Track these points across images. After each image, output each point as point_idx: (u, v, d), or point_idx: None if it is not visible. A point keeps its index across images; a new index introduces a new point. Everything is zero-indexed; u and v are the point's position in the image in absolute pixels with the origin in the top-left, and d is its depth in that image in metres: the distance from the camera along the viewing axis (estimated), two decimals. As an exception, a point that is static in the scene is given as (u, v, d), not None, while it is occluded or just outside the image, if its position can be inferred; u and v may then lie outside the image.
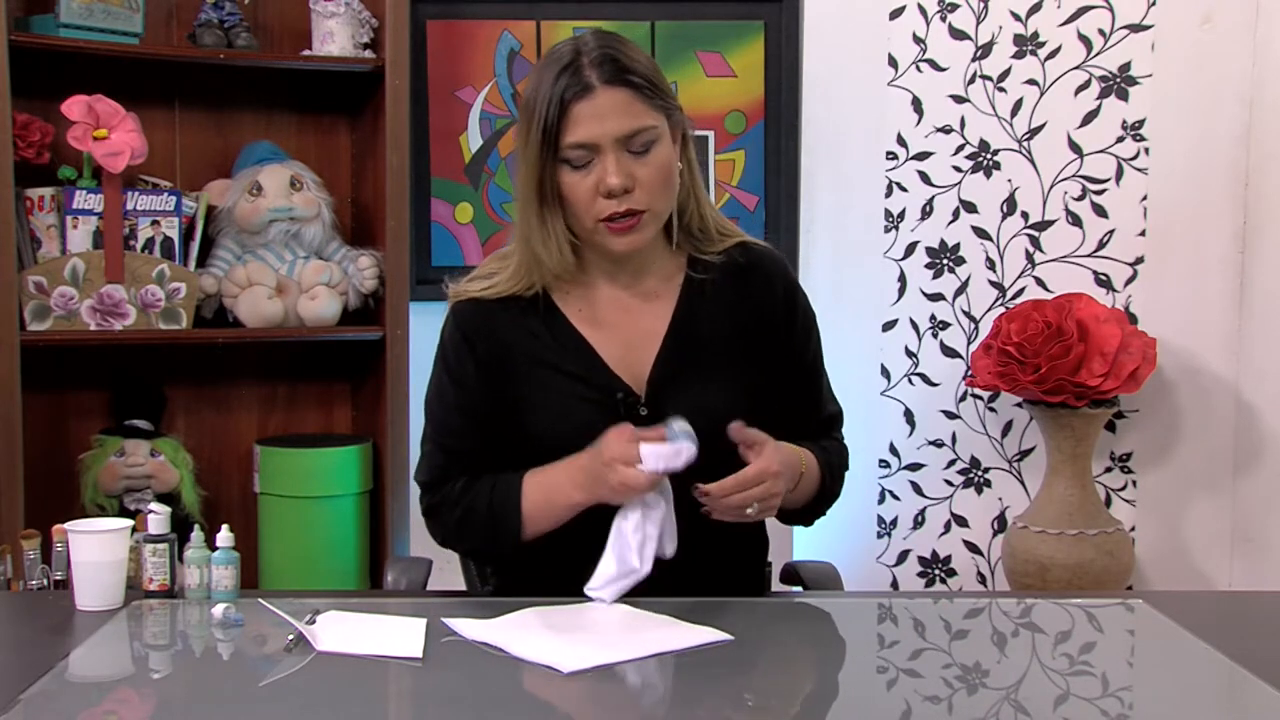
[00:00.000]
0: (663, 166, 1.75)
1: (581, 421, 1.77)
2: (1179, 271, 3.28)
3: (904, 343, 3.34)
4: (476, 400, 1.83)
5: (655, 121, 1.74)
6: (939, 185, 3.31)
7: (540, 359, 1.82)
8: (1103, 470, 3.33)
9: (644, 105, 1.73)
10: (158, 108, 3.04)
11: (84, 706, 1.46)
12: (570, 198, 1.75)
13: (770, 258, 1.92)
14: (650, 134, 1.74)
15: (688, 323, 1.85)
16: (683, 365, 1.83)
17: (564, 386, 1.81)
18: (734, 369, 1.85)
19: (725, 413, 1.77)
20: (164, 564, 1.76)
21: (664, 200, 1.78)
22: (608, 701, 1.45)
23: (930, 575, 3.39)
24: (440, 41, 3.30)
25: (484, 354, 1.83)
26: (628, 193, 1.73)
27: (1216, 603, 2.14)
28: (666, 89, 1.78)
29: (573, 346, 1.82)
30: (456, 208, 3.35)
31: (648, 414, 1.80)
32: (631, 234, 1.76)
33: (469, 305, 1.85)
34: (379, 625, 1.65)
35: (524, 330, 1.83)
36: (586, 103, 1.71)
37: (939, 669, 1.59)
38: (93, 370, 3.02)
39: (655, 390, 1.81)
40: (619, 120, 1.71)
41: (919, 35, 3.28)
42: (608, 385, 1.81)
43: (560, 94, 1.71)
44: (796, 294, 1.92)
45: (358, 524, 3.08)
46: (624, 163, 1.72)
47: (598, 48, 1.73)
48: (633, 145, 1.73)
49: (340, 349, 3.21)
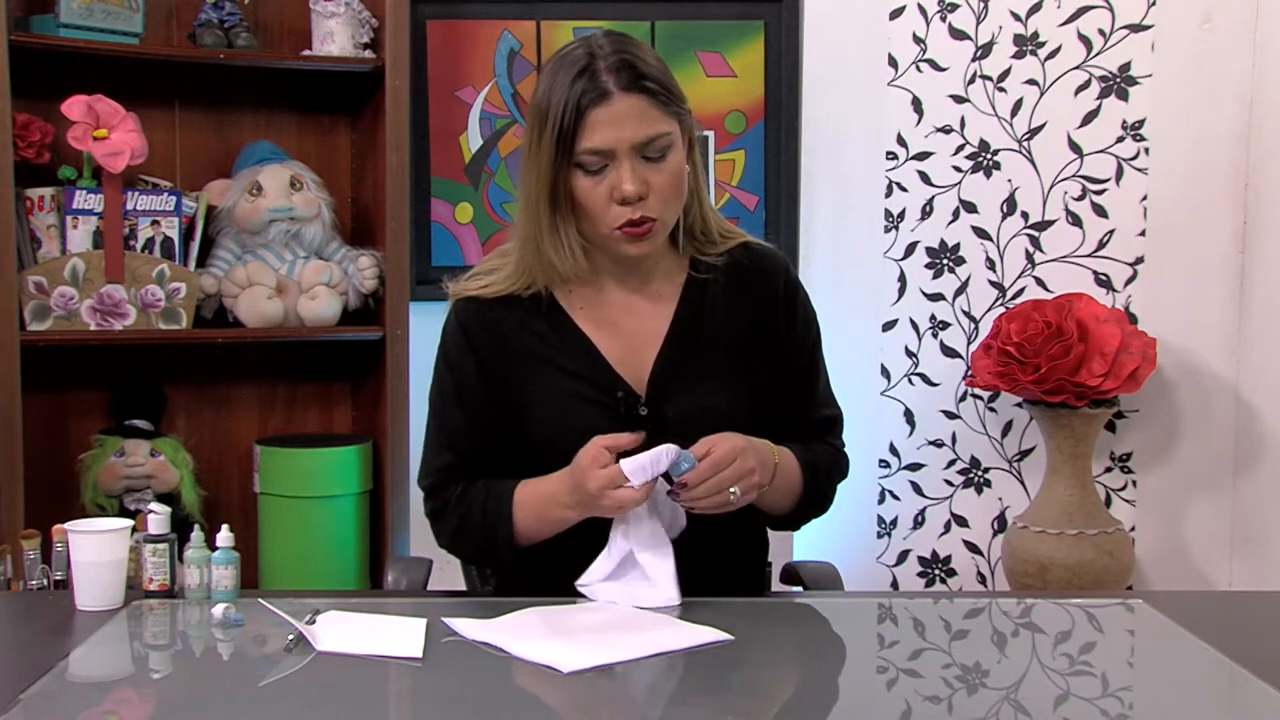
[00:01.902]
0: (676, 173, 1.76)
1: (582, 420, 1.77)
2: (1179, 271, 3.28)
3: (904, 343, 3.34)
4: (479, 398, 1.83)
5: (670, 128, 1.74)
6: (939, 185, 3.31)
7: (542, 357, 1.82)
8: (1103, 470, 3.33)
9: (659, 112, 1.73)
10: (158, 108, 3.04)
11: (84, 706, 1.46)
12: (584, 203, 1.74)
13: (772, 257, 1.92)
14: (665, 140, 1.73)
15: (689, 323, 1.85)
16: (683, 365, 1.83)
17: (565, 385, 1.81)
18: (735, 369, 1.84)
19: (726, 413, 1.78)
20: (164, 564, 1.76)
21: (676, 206, 1.78)
22: (608, 701, 1.45)
23: (930, 575, 3.39)
24: (440, 41, 3.30)
25: (485, 352, 1.83)
26: (642, 199, 1.72)
27: (1216, 603, 2.14)
28: (679, 93, 1.77)
29: (575, 345, 1.82)
30: (456, 208, 3.34)
31: (648, 414, 1.80)
32: (645, 240, 1.76)
33: (470, 303, 1.85)
34: (379, 625, 1.65)
35: (526, 329, 1.83)
36: (604, 109, 1.70)
37: (939, 669, 1.59)
38: (93, 370, 3.02)
39: (656, 390, 1.81)
40: (636, 127, 1.71)
41: (919, 35, 3.28)
42: (609, 385, 1.81)
43: (577, 99, 1.69)
44: (797, 293, 1.92)
45: (358, 524, 3.08)
46: (639, 170, 1.72)
47: (613, 52, 1.72)
48: (648, 152, 1.72)
49: (340, 349, 3.21)
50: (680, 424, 1.78)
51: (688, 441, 1.70)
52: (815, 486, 1.87)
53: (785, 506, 1.86)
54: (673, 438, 1.71)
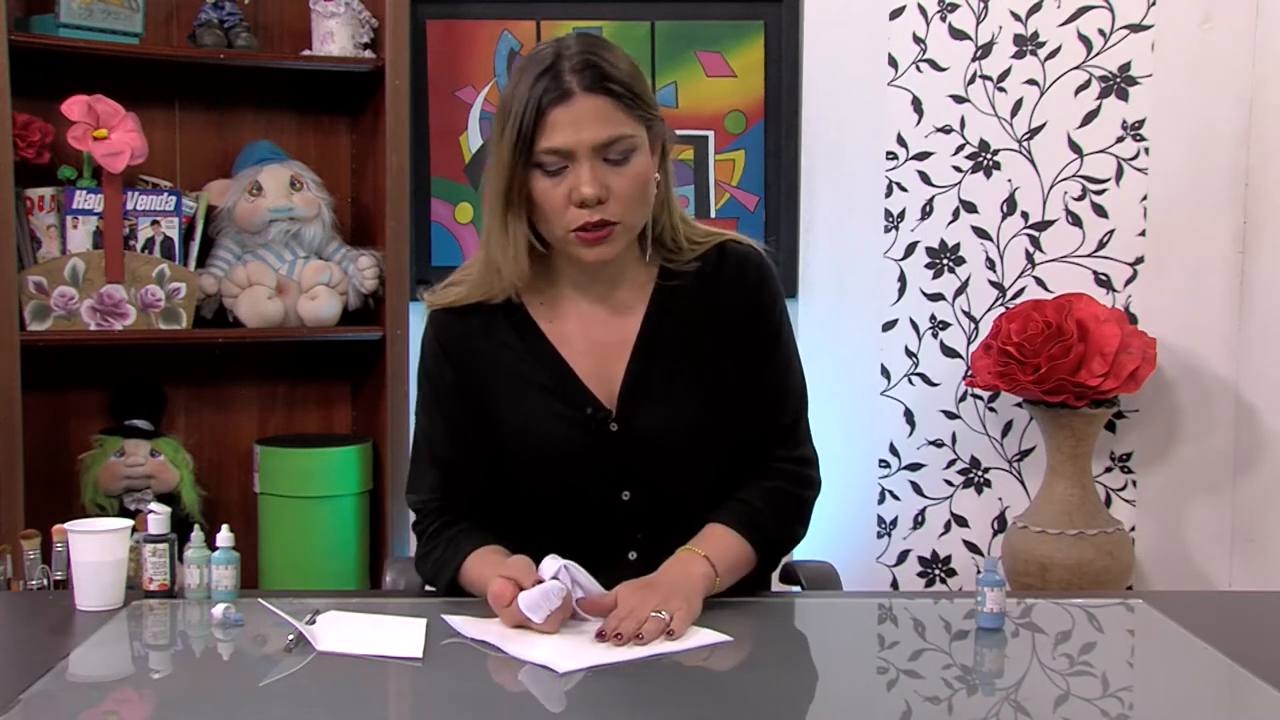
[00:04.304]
0: (638, 177, 1.71)
1: (552, 436, 1.77)
2: (1179, 271, 3.28)
3: (904, 343, 3.34)
4: (456, 408, 1.82)
5: (634, 131, 1.69)
6: (939, 185, 3.31)
7: (512, 370, 1.80)
8: (1103, 470, 3.33)
9: (623, 114, 1.68)
10: (158, 108, 3.04)
11: (84, 706, 1.45)
12: (542, 204, 1.70)
13: (744, 256, 1.85)
14: (628, 143, 1.69)
15: (657, 334, 1.81)
16: (652, 378, 1.79)
17: (535, 399, 1.79)
18: (703, 378, 1.80)
19: (694, 424, 1.78)
20: (164, 564, 1.76)
21: (638, 212, 1.73)
22: (607, 702, 1.45)
23: (930, 575, 3.39)
24: (440, 41, 3.30)
25: (460, 364, 1.82)
26: (600, 203, 1.68)
27: (1216, 603, 2.14)
28: (648, 98, 1.73)
29: (544, 358, 1.80)
30: (456, 208, 3.34)
31: (618, 429, 1.78)
32: (602, 245, 1.71)
33: (443, 315, 1.83)
34: (379, 625, 1.64)
35: (496, 341, 1.81)
36: (564, 109, 1.66)
37: (939, 669, 1.59)
38: (93, 370, 3.02)
39: (625, 404, 1.79)
40: (596, 128, 1.67)
41: (919, 35, 3.28)
42: (578, 400, 1.78)
43: (538, 98, 1.66)
44: (763, 290, 1.84)
45: (358, 524, 3.08)
46: (599, 172, 1.68)
47: (579, 52, 1.69)
48: (609, 154, 1.68)
49: (340, 349, 3.21)
50: (650, 439, 1.77)
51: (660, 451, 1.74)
52: (761, 535, 1.79)
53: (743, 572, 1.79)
54: (643, 451, 1.74)
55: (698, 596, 1.67)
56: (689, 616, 1.63)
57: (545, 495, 1.81)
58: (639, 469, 1.79)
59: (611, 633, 1.57)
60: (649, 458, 1.78)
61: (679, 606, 1.62)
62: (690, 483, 1.81)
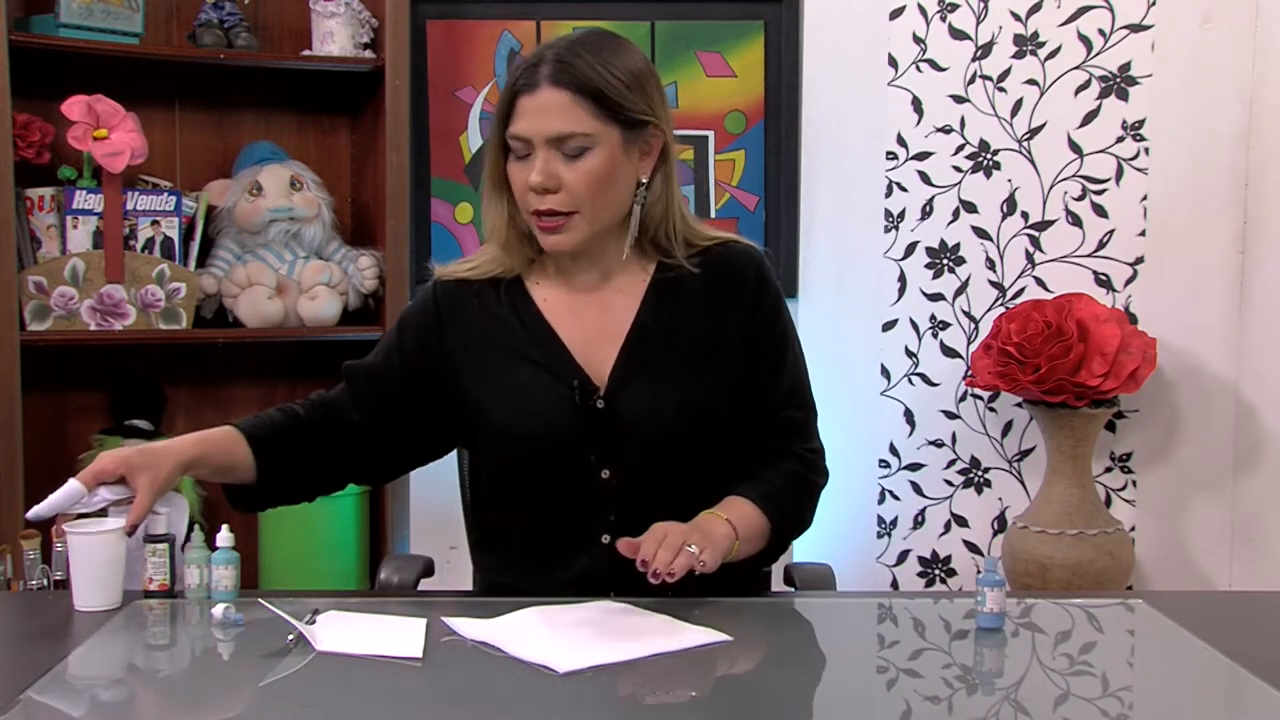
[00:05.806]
0: (592, 174, 1.74)
1: (541, 409, 1.79)
2: (1179, 271, 3.28)
3: (904, 343, 3.34)
4: (397, 368, 1.86)
5: (591, 130, 1.74)
6: (939, 185, 3.31)
7: (506, 344, 1.84)
8: (1103, 470, 3.33)
9: (583, 111, 1.73)
10: (158, 108, 3.04)
11: (84, 706, 1.46)
12: (512, 185, 1.79)
13: (744, 255, 1.88)
14: (582, 141, 1.74)
15: (652, 321, 1.83)
16: (641, 364, 1.81)
17: (526, 372, 1.82)
18: (698, 368, 1.83)
19: (680, 413, 1.79)
20: (164, 564, 1.76)
21: (597, 206, 1.77)
22: (606, 702, 1.45)
23: (930, 575, 3.39)
24: (440, 41, 3.30)
25: (444, 325, 1.85)
26: (550, 192, 1.75)
27: (1216, 603, 2.14)
28: (630, 103, 1.76)
29: (539, 334, 1.83)
30: (456, 208, 3.34)
31: (604, 407, 1.79)
32: (559, 234, 1.77)
33: (449, 284, 1.88)
34: (379, 625, 1.65)
35: (493, 315, 1.85)
36: (529, 98, 1.74)
37: (939, 669, 1.59)
38: (93, 370, 3.02)
39: (614, 385, 1.81)
40: (553, 121, 1.73)
41: (919, 35, 3.28)
42: (566, 374, 1.81)
43: (513, 84, 1.76)
44: (765, 290, 1.87)
45: (358, 524, 3.08)
46: (552, 163, 1.74)
47: (566, 48, 1.76)
48: (565, 148, 1.74)
49: (340, 349, 3.19)
50: (635, 420, 1.79)
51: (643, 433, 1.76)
52: (779, 511, 1.82)
53: (759, 545, 1.82)
54: (627, 431, 1.77)
55: (721, 551, 1.71)
56: (718, 557, 1.69)
57: (526, 468, 1.83)
58: (621, 448, 1.80)
59: (644, 558, 1.63)
60: (632, 438, 1.79)
61: (708, 546, 1.67)
62: (670, 470, 1.81)
